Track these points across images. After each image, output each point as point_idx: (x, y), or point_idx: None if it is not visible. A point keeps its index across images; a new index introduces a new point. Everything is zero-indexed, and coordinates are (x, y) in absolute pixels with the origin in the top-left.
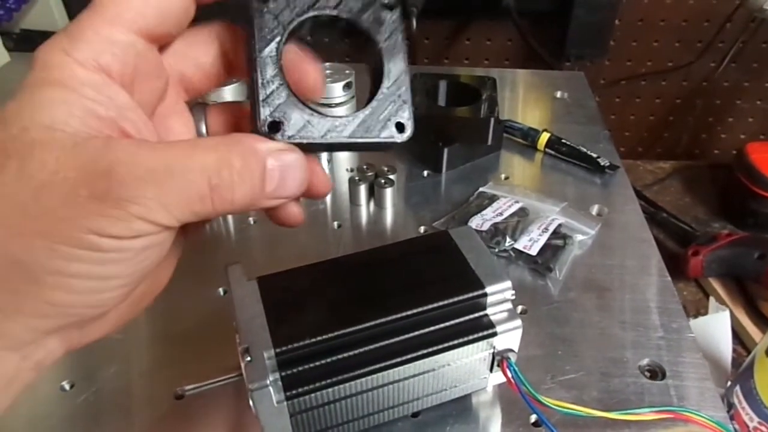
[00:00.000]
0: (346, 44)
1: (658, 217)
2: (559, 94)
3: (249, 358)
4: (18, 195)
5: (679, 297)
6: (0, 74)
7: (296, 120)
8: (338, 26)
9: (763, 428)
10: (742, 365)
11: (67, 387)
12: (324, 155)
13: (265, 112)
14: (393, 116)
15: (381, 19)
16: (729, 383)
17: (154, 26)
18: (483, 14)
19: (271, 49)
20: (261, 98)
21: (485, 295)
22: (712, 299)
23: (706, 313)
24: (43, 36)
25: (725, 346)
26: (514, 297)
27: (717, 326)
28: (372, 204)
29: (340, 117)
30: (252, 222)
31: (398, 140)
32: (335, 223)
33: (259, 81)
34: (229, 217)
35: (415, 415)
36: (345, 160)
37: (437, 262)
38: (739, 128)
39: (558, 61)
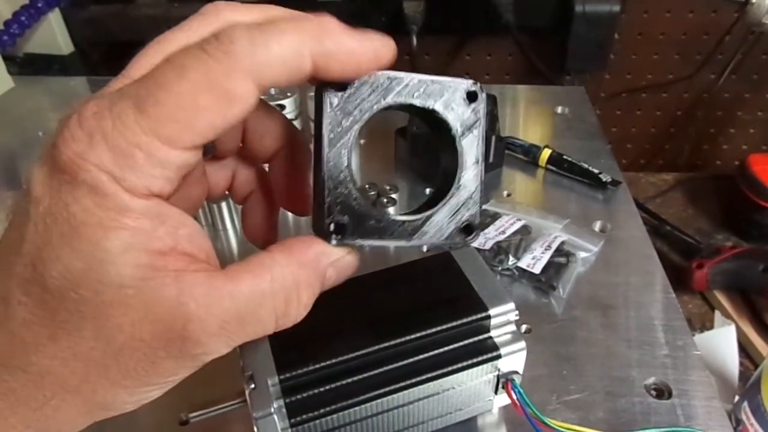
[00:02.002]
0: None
1: (661, 229)
2: (560, 110)
3: (253, 386)
4: (96, 354)
5: (684, 310)
6: (4, 99)
7: (359, 221)
8: (412, 112)
9: None
10: (749, 380)
11: None
12: None
13: (331, 216)
14: (461, 217)
15: (462, 111)
16: (736, 399)
17: (210, 141)
18: (483, 30)
19: (343, 143)
20: (328, 199)
21: (489, 317)
22: (717, 313)
23: (711, 326)
24: (46, 59)
25: (732, 361)
26: (517, 318)
27: (723, 341)
28: None
29: (405, 217)
30: None
31: (464, 244)
32: None
33: (327, 182)
34: (233, 240)
35: None
36: None
37: (440, 285)
38: (741, 139)
39: (558, 75)
